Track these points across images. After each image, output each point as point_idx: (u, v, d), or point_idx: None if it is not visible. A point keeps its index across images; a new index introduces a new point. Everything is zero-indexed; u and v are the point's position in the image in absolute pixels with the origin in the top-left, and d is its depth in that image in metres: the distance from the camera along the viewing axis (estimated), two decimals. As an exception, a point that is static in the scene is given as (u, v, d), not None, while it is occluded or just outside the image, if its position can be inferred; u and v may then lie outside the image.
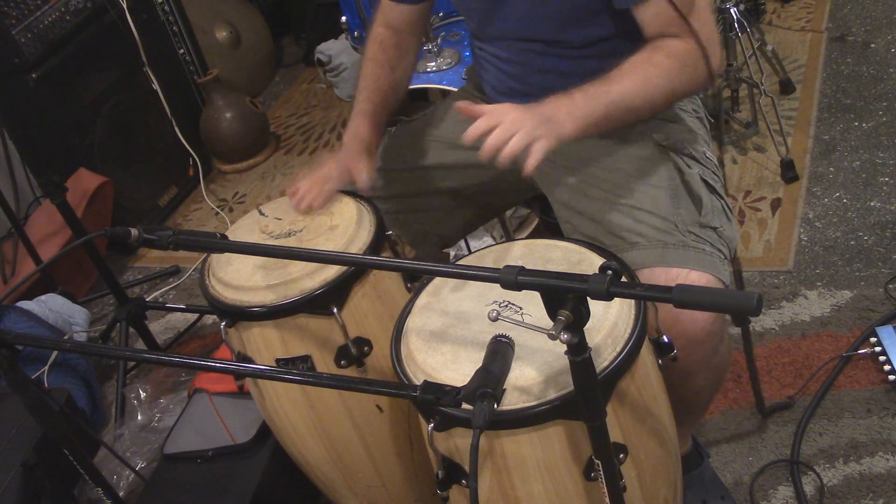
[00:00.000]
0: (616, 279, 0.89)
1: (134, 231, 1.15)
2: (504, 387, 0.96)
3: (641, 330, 1.11)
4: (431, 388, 1.02)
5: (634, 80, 1.31)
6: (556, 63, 1.44)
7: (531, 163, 1.21)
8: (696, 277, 1.29)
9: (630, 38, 1.37)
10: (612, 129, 1.35)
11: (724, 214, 1.41)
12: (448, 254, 2.07)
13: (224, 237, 1.22)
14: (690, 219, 1.36)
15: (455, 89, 1.93)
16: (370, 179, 1.50)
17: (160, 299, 2.75)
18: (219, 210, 3.15)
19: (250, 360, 1.42)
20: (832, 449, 1.72)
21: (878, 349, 1.85)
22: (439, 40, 2.34)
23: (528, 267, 0.93)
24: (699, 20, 1.30)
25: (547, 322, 0.91)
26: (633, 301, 1.13)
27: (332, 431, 1.46)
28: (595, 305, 0.92)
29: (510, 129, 1.21)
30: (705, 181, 1.41)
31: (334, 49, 3.46)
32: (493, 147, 1.21)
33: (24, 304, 2.37)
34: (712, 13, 1.34)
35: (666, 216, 1.36)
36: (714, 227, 1.36)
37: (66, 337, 2.37)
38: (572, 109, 1.28)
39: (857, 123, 2.56)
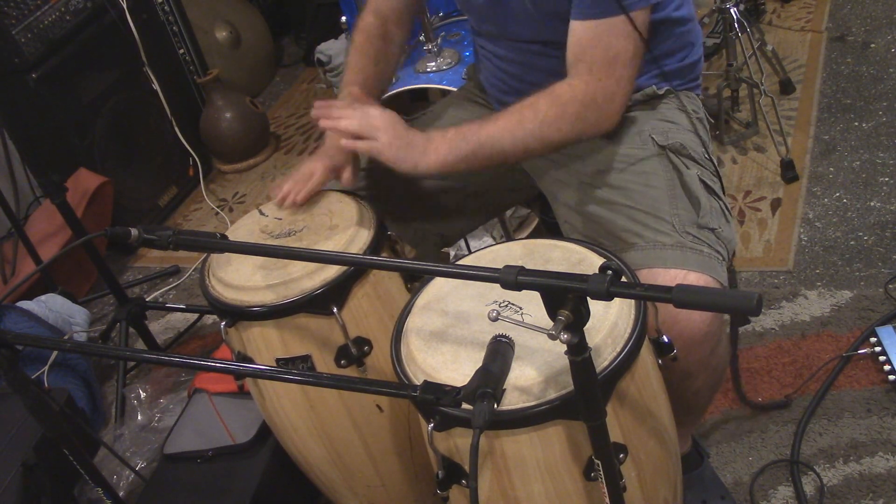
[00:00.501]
0: (616, 279, 0.89)
1: (134, 231, 1.15)
2: (504, 387, 0.96)
3: (641, 330, 1.10)
4: (431, 388, 1.02)
5: (508, 123, 1.35)
6: (554, 63, 1.44)
7: (356, 146, 1.36)
8: (693, 278, 1.29)
9: None
10: (481, 168, 1.39)
11: (722, 215, 1.41)
12: (448, 254, 2.08)
13: (224, 237, 1.22)
14: (688, 220, 1.36)
15: (455, 89, 1.93)
16: (355, 177, 1.51)
17: (160, 299, 2.75)
18: (219, 210, 3.15)
19: (250, 360, 1.42)
20: (832, 449, 1.72)
21: (878, 349, 1.85)
22: (439, 40, 2.34)
23: (528, 267, 0.93)
24: (612, 67, 1.32)
25: (547, 322, 0.91)
26: (633, 301, 1.13)
27: (332, 431, 1.46)
28: (595, 305, 0.92)
29: (369, 132, 1.34)
30: (704, 182, 1.41)
31: (334, 49, 3.46)
32: (345, 129, 1.36)
33: (24, 304, 2.37)
34: (630, 65, 1.34)
35: (664, 217, 1.36)
36: (712, 229, 1.36)
37: (66, 337, 2.37)
38: (440, 145, 1.35)
39: (857, 123, 2.56)
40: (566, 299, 0.90)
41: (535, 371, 1.05)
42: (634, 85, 1.40)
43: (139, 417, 2.18)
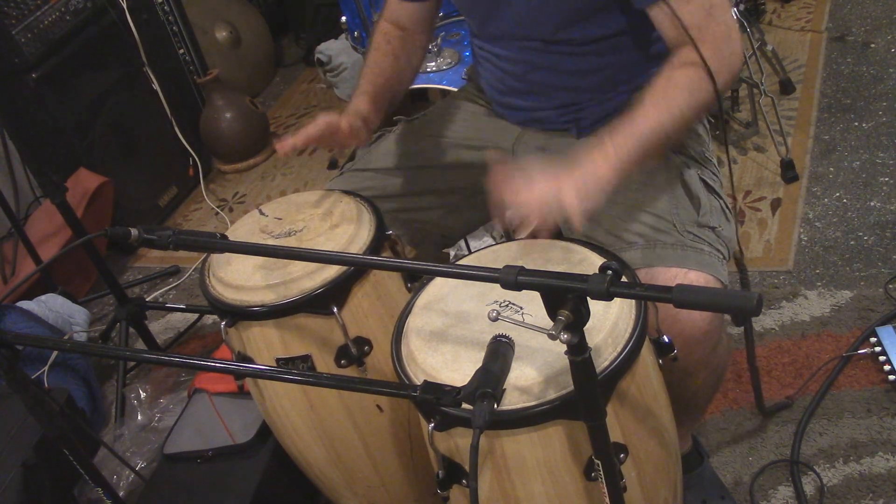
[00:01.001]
0: (616, 279, 0.89)
1: (134, 231, 1.15)
2: (504, 387, 0.96)
3: (642, 330, 1.10)
4: (431, 388, 1.02)
5: (659, 108, 1.27)
6: (556, 60, 1.44)
7: (577, 226, 1.20)
8: (694, 277, 1.29)
9: (631, 35, 1.37)
10: (651, 158, 1.30)
11: (722, 214, 1.41)
12: (448, 254, 2.07)
13: (224, 237, 1.22)
14: (689, 219, 1.36)
15: (455, 89, 1.93)
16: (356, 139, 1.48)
17: (160, 299, 2.75)
18: (219, 210, 3.15)
19: (250, 360, 1.42)
20: (832, 449, 1.72)
21: (878, 349, 1.85)
22: (439, 40, 2.34)
23: (528, 267, 0.93)
24: (715, 19, 1.27)
25: (547, 322, 0.91)
26: (633, 301, 1.13)
27: (332, 431, 1.46)
28: (595, 305, 0.91)
29: (542, 209, 1.20)
30: (704, 181, 1.41)
31: (334, 49, 3.46)
32: (523, 229, 1.21)
33: (24, 304, 2.37)
34: (730, 7, 1.30)
35: (664, 216, 1.36)
36: (712, 227, 1.36)
37: (66, 337, 2.37)
38: (607, 162, 1.24)
39: (857, 123, 2.56)
40: (566, 299, 0.90)
41: (535, 371, 1.05)
42: (636, 84, 1.39)
43: (139, 417, 2.18)
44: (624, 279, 1.09)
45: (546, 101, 1.52)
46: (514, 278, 0.92)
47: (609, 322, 1.09)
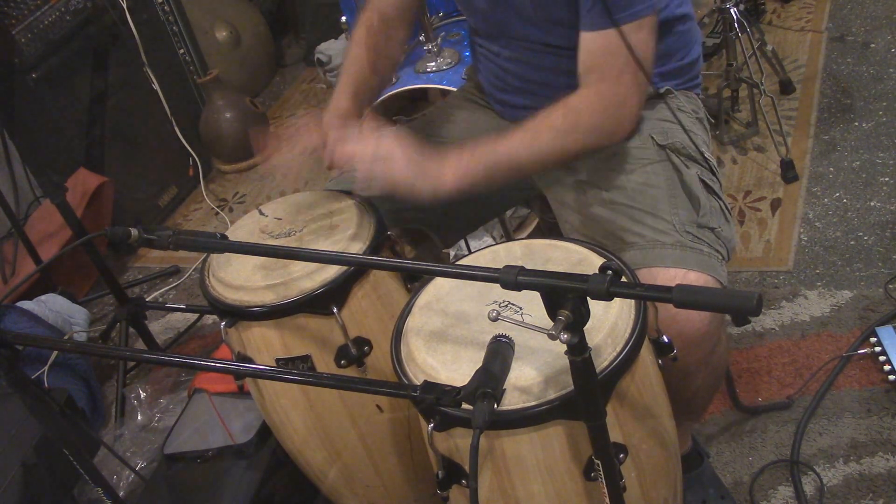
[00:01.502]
0: (616, 279, 0.89)
1: (134, 231, 1.15)
2: (504, 387, 0.96)
3: (641, 330, 1.10)
4: (431, 388, 1.02)
5: (524, 139, 1.34)
6: (555, 60, 1.44)
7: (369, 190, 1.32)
8: (693, 278, 1.29)
9: None
10: (499, 184, 1.37)
11: (722, 215, 1.41)
12: (448, 254, 2.08)
13: (224, 237, 1.22)
14: (688, 219, 1.36)
15: (455, 89, 1.93)
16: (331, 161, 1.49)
17: (160, 299, 2.75)
18: (219, 210, 3.15)
19: (250, 360, 1.42)
20: (832, 449, 1.72)
21: (878, 349, 1.85)
22: (439, 40, 2.34)
23: (528, 267, 0.93)
24: (620, 77, 1.31)
25: (547, 322, 0.91)
26: (633, 301, 1.13)
27: (332, 431, 1.46)
28: (595, 305, 0.91)
29: (389, 171, 1.31)
30: (703, 182, 1.41)
31: (334, 49, 3.46)
32: (364, 180, 1.33)
33: (24, 304, 2.37)
34: (642, 72, 1.32)
35: (663, 216, 1.36)
36: (712, 228, 1.36)
37: (66, 337, 2.37)
38: (456, 167, 1.33)
39: (857, 123, 2.56)
40: (566, 299, 0.90)
41: (535, 371, 1.05)
42: None
43: (139, 417, 2.18)
44: (624, 279, 1.10)
45: (546, 99, 1.51)
46: (514, 278, 0.92)
47: (609, 322, 1.09)
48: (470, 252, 1.51)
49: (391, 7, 1.61)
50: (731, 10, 2.45)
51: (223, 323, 1.40)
